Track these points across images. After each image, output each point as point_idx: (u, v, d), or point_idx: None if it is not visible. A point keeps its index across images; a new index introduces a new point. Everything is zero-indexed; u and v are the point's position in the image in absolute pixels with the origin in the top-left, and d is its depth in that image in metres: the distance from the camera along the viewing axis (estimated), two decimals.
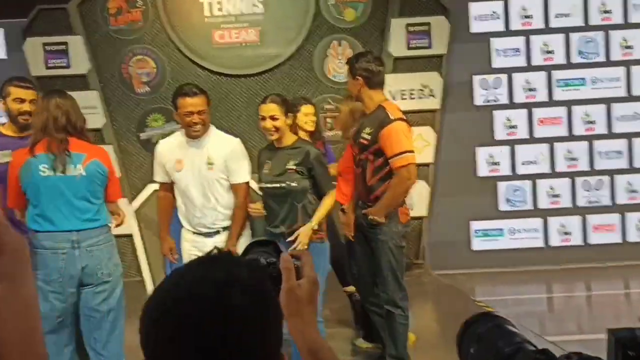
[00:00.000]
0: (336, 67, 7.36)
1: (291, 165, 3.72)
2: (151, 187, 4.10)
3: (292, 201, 3.75)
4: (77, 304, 3.40)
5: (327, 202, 3.77)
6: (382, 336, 4.19)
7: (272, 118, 3.66)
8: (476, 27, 7.45)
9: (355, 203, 4.11)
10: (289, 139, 3.82)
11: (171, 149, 3.91)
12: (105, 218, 3.49)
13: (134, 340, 0.97)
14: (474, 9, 7.44)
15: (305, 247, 3.69)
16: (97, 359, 3.41)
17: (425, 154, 7.28)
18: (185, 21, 7.22)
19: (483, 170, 7.43)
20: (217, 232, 3.82)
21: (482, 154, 7.42)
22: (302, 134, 4.60)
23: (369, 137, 3.77)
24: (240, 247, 4.09)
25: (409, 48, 7.35)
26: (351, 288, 5.00)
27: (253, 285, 0.92)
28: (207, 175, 3.74)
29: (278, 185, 3.78)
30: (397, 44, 7.31)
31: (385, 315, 4.00)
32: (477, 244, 7.40)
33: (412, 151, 3.79)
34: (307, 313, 1.16)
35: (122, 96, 7.19)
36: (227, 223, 3.80)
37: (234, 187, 3.78)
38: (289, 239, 3.65)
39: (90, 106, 7.02)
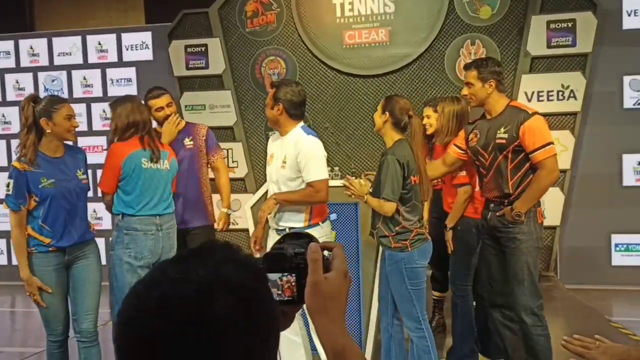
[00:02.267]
0: None
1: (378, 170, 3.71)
2: (266, 186, 4.25)
3: None
4: None
5: (374, 203, 3.65)
6: (508, 353, 3.94)
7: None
8: (629, 23, 6.83)
9: (484, 207, 3.95)
10: (389, 140, 3.76)
11: (271, 143, 4.01)
12: (173, 206, 3.96)
13: None
14: (628, 3, 6.83)
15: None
16: None
17: (561, 159, 6.73)
18: (318, 22, 7.34)
19: (629, 179, 6.80)
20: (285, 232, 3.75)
21: (629, 161, 6.79)
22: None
23: (506, 135, 3.66)
24: None
25: (550, 46, 6.91)
26: None
27: (242, 285, 0.79)
28: (280, 172, 3.75)
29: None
30: (536, 42, 6.91)
31: (520, 328, 3.75)
32: (618, 259, 6.80)
33: (553, 143, 3.70)
34: (332, 310, 1.03)
35: (254, 96, 7.47)
36: (294, 225, 3.72)
37: (308, 185, 3.72)
38: None
39: (224, 105, 7.42)
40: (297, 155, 3.66)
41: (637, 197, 6.78)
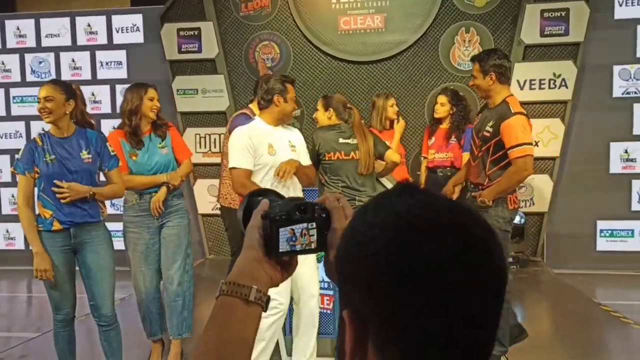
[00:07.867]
0: (462, 55, 7.15)
1: None
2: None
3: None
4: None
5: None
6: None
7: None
8: (621, 13, 6.92)
9: (464, 188, 4.31)
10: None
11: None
12: None
13: None
14: None
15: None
16: None
17: (551, 147, 6.95)
18: (313, 7, 7.30)
19: (616, 166, 6.96)
20: None
21: (617, 149, 6.95)
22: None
23: (491, 129, 3.89)
24: None
25: (543, 35, 6.98)
26: None
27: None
28: (292, 155, 3.81)
29: None
30: (529, 31, 6.97)
31: None
32: (603, 244, 7.00)
33: (530, 143, 3.89)
34: None
35: (247, 80, 7.41)
36: None
37: None
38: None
39: (217, 89, 7.37)
40: None
41: (622, 184, 6.95)
